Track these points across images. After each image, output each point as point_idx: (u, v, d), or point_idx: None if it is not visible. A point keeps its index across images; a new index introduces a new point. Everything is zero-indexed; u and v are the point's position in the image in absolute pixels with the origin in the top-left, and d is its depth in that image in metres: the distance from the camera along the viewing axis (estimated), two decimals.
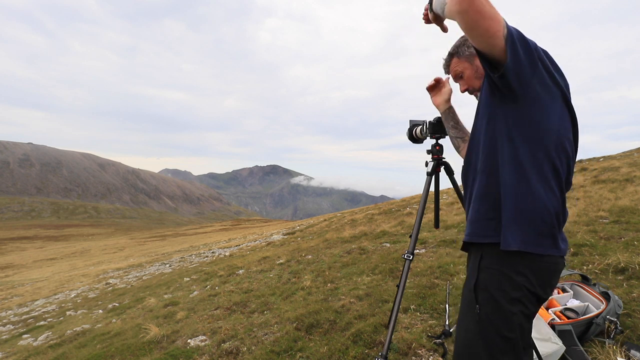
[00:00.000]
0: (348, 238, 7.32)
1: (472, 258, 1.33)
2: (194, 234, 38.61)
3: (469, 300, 1.26)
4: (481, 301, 1.23)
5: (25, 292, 12.44)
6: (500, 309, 1.20)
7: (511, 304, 1.20)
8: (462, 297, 1.33)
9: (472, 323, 1.24)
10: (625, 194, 6.13)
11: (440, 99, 1.69)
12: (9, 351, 4.81)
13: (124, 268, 14.06)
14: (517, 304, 1.20)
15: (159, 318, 4.38)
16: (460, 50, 1.49)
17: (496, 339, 1.20)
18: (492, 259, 1.23)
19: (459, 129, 1.69)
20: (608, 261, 3.20)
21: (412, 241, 1.78)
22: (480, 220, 1.27)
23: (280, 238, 12.02)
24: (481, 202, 1.27)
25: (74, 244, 43.63)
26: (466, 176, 1.39)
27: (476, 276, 1.25)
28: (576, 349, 2.00)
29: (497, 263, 1.22)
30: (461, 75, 1.50)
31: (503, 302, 1.20)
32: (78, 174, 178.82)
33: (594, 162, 12.06)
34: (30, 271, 21.99)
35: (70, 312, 6.70)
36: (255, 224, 45.66)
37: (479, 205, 1.28)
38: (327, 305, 3.45)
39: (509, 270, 1.20)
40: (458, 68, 1.50)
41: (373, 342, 2.61)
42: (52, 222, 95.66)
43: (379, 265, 4.58)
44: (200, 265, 8.99)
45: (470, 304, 1.25)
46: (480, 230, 1.27)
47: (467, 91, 1.52)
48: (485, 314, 1.21)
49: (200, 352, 2.99)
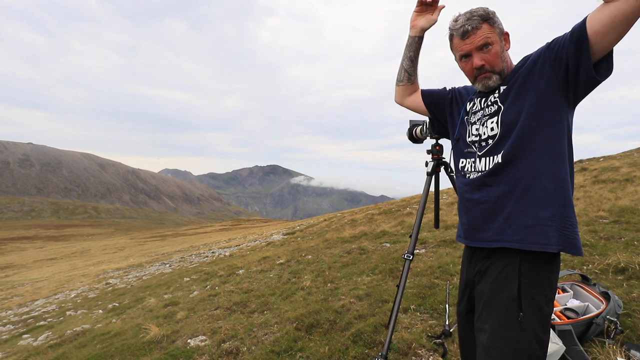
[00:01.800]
0: (348, 238, 7.32)
1: (500, 263, 1.22)
2: (194, 234, 38.60)
3: (509, 308, 1.15)
4: (525, 308, 1.14)
5: (25, 292, 12.44)
6: (541, 312, 1.15)
7: (548, 305, 1.17)
8: (491, 305, 1.19)
9: (512, 332, 1.14)
10: (625, 194, 6.13)
11: (422, 22, 1.49)
12: (9, 351, 4.81)
13: (124, 268, 14.05)
14: (551, 304, 1.18)
15: (159, 318, 4.37)
16: (495, 19, 1.24)
17: (535, 346, 1.14)
18: (535, 263, 1.17)
19: (414, 64, 1.59)
20: (608, 261, 3.20)
21: (412, 241, 1.77)
22: (539, 226, 1.16)
23: (280, 238, 12.01)
24: (542, 207, 1.16)
25: (74, 244, 43.62)
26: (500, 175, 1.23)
27: (517, 283, 1.16)
28: (576, 348, 1.99)
29: (541, 267, 1.17)
30: (489, 46, 1.23)
31: (543, 304, 1.16)
32: (78, 174, 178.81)
33: (594, 162, 12.06)
34: (30, 271, 21.98)
35: (70, 312, 6.70)
36: (255, 224, 45.65)
37: (537, 210, 1.16)
38: (327, 305, 3.45)
39: (549, 272, 1.17)
40: (490, 36, 1.23)
41: (373, 342, 2.61)
42: (52, 222, 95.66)
43: (379, 265, 4.57)
44: (200, 265, 8.98)
45: (510, 313, 1.15)
46: (538, 238, 1.15)
47: (482, 70, 1.26)
48: (527, 321, 1.14)
49: (200, 352, 2.99)
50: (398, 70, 1.66)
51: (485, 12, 1.23)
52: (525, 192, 1.18)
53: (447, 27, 1.32)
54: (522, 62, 1.25)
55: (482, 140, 1.30)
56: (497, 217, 1.23)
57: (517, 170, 1.19)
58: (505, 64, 1.26)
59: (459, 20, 1.26)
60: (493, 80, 1.26)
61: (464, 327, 1.50)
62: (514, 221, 1.19)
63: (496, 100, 1.27)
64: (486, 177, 1.26)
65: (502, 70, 1.26)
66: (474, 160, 1.33)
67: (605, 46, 1.02)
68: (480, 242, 1.28)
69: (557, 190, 1.16)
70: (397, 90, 1.69)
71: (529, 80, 1.19)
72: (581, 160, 13.58)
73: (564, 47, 1.08)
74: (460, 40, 1.27)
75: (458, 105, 1.50)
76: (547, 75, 1.14)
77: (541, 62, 1.16)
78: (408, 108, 1.70)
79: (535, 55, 1.20)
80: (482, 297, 1.24)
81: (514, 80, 1.23)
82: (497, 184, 1.23)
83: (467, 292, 1.42)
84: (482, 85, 1.29)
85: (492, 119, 1.27)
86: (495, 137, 1.25)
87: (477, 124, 1.34)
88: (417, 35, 1.52)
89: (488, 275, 1.24)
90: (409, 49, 1.56)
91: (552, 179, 1.16)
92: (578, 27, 1.05)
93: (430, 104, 1.61)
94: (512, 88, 1.23)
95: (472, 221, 1.32)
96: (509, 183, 1.21)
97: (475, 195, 1.30)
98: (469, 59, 1.28)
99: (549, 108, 1.15)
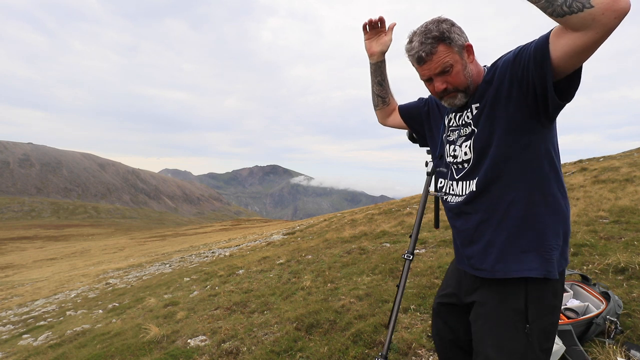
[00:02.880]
0: (348, 238, 7.32)
1: (500, 288, 1.22)
2: (194, 234, 38.60)
3: (515, 320, 1.14)
4: (531, 318, 1.13)
5: (25, 292, 12.44)
6: (546, 321, 1.15)
7: (553, 314, 1.17)
8: (495, 318, 1.18)
9: (518, 344, 1.12)
10: (625, 194, 6.12)
11: (377, 47, 1.45)
12: (9, 351, 4.82)
13: (124, 268, 14.05)
14: (557, 311, 1.18)
15: (159, 318, 4.38)
16: (452, 36, 1.13)
17: (541, 356, 1.14)
18: (538, 284, 1.17)
19: (384, 87, 1.58)
20: (608, 261, 3.20)
21: (412, 241, 1.77)
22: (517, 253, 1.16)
23: (280, 238, 12.01)
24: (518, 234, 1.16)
25: (74, 244, 43.63)
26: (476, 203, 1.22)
27: (524, 295, 1.14)
28: (576, 349, 1.99)
29: (544, 285, 1.17)
30: (449, 69, 1.15)
31: (548, 314, 1.16)
32: (78, 174, 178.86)
33: (594, 162, 12.06)
34: (30, 271, 21.99)
35: (70, 312, 6.70)
36: (255, 224, 45.66)
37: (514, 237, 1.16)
38: (327, 305, 3.45)
39: (556, 281, 1.17)
40: (448, 59, 1.13)
41: (373, 342, 2.61)
42: (52, 222, 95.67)
43: (379, 265, 4.57)
44: (200, 265, 8.98)
45: (517, 325, 1.14)
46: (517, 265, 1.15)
47: (445, 92, 1.19)
48: (533, 332, 1.13)
49: (200, 352, 2.99)
50: (372, 97, 1.67)
51: (440, 31, 1.12)
52: (502, 220, 1.17)
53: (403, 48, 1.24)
54: (490, 73, 1.16)
55: (458, 163, 1.27)
56: (478, 245, 1.23)
57: (492, 199, 1.18)
58: (470, 79, 1.18)
59: (413, 43, 1.16)
60: (458, 98, 1.20)
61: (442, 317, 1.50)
62: (494, 251, 1.19)
63: (470, 122, 1.22)
64: (463, 205, 1.25)
65: (468, 86, 1.19)
66: (452, 183, 1.31)
67: (570, 67, 0.96)
68: (474, 270, 1.27)
69: (533, 216, 1.14)
70: (377, 114, 1.72)
71: (498, 103, 1.12)
72: (581, 160, 13.58)
73: (529, 68, 1.01)
74: (418, 66, 1.20)
75: (435, 119, 1.46)
76: (516, 98, 1.07)
77: (508, 81, 1.08)
78: (392, 127, 1.72)
79: (502, 70, 1.11)
80: (486, 307, 1.22)
81: (485, 100, 1.16)
82: (474, 211, 1.22)
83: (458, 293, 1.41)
84: (448, 104, 1.24)
85: (466, 143, 1.23)
86: (469, 161, 1.22)
87: (454, 144, 1.29)
88: (377, 61, 1.50)
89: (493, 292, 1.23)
90: (375, 75, 1.55)
91: (527, 206, 1.14)
92: (540, 47, 0.97)
93: (409, 119, 1.59)
94: (484, 109, 1.16)
95: (460, 245, 1.33)
96: (486, 211, 1.19)
97: (457, 222, 1.30)
98: (431, 82, 1.22)
99: (522, 132, 1.10)
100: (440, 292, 1.53)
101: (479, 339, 1.21)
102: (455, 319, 1.45)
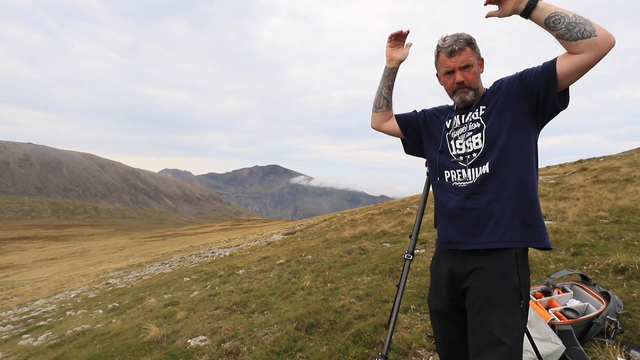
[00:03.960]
0: (348, 238, 7.32)
1: (500, 259, 1.40)
2: (194, 234, 38.61)
3: (513, 298, 1.36)
4: (524, 294, 1.37)
5: (25, 292, 12.44)
6: (527, 292, 1.39)
7: (528, 289, 1.40)
8: (498, 297, 1.36)
9: (517, 318, 1.35)
10: (625, 194, 6.13)
11: (398, 55, 1.70)
12: (9, 351, 4.82)
13: (124, 268, 14.05)
14: (529, 287, 1.43)
15: (159, 318, 4.38)
16: (476, 44, 1.47)
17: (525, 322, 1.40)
18: (523, 256, 1.41)
19: (391, 92, 1.77)
20: (608, 261, 3.20)
21: (412, 241, 1.78)
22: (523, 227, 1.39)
23: (280, 238, 12.01)
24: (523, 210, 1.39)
25: (74, 244, 43.63)
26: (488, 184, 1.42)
27: (517, 275, 1.38)
28: (576, 348, 2.00)
29: (525, 259, 1.42)
30: (470, 66, 1.45)
31: (528, 286, 1.41)
32: (78, 174, 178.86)
33: (594, 162, 12.06)
34: (30, 271, 21.99)
35: (70, 312, 6.70)
36: (255, 224, 45.66)
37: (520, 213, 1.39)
38: (327, 305, 3.45)
39: (527, 262, 1.43)
40: (471, 59, 1.45)
41: (373, 342, 2.61)
42: (52, 222, 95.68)
43: (379, 265, 4.57)
44: (200, 265, 8.99)
45: (514, 302, 1.35)
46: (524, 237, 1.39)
47: (461, 85, 1.46)
48: (524, 305, 1.37)
49: (200, 352, 2.99)
50: (376, 98, 1.80)
51: (469, 37, 1.46)
52: (509, 198, 1.39)
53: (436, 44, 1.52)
54: (497, 85, 1.47)
55: (468, 154, 1.49)
56: (489, 222, 1.41)
57: (501, 180, 1.40)
58: (479, 83, 1.50)
59: (447, 40, 1.47)
60: (469, 95, 1.47)
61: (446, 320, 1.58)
62: (502, 224, 1.39)
63: (479, 119, 1.47)
64: (476, 186, 1.45)
65: (477, 88, 1.48)
66: (461, 171, 1.50)
67: (568, 83, 1.29)
68: (478, 244, 1.43)
69: (533, 196, 1.40)
70: (375, 117, 1.82)
71: (507, 104, 1.41)
72: (581, 160, 13.58)
73: (536, 81, 1.33)
74: (446, 58, 1.47)
75: (434, 123, 1.67)
76: (521, 102, 1.39)
77: (515, 91, 1.40)
78: (385, 132, 1.84)
79: (509, 83, 1.42)
80: (485, 291, 1.39)
81: (494, 102, 1.44)
82: (485, 192, 1.43)
83: (450, 287, 1.53)
84: (459, 98, 1.49)
85: (476, 135, 1.47)
86: (479, 150, 1.46)
87: (460, 139, 1.52)
88: (395, 67, 1.71)
89: (488, 271, 1.41)
90: (388, 79, 1.74)
91: (529, 187, 1.40)
92: (549, 66, 1.29)
93: (406, 126, 1.76)
94: (494, 109, 1.44)
95: (466, 227, 1.46)
96: (495, 191, 1.41)
97: (467, 203, 1.47)
98: (451, 75, 1.48)
99: (523, 128, 1.40)
100: (433, 299, 1.62)
101: (479, 320, 1.37)
102: (454, 319, 1.56)
